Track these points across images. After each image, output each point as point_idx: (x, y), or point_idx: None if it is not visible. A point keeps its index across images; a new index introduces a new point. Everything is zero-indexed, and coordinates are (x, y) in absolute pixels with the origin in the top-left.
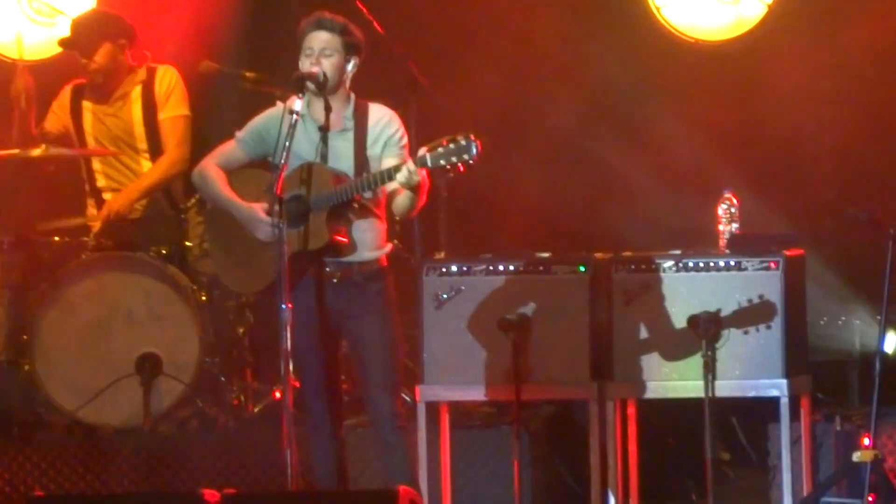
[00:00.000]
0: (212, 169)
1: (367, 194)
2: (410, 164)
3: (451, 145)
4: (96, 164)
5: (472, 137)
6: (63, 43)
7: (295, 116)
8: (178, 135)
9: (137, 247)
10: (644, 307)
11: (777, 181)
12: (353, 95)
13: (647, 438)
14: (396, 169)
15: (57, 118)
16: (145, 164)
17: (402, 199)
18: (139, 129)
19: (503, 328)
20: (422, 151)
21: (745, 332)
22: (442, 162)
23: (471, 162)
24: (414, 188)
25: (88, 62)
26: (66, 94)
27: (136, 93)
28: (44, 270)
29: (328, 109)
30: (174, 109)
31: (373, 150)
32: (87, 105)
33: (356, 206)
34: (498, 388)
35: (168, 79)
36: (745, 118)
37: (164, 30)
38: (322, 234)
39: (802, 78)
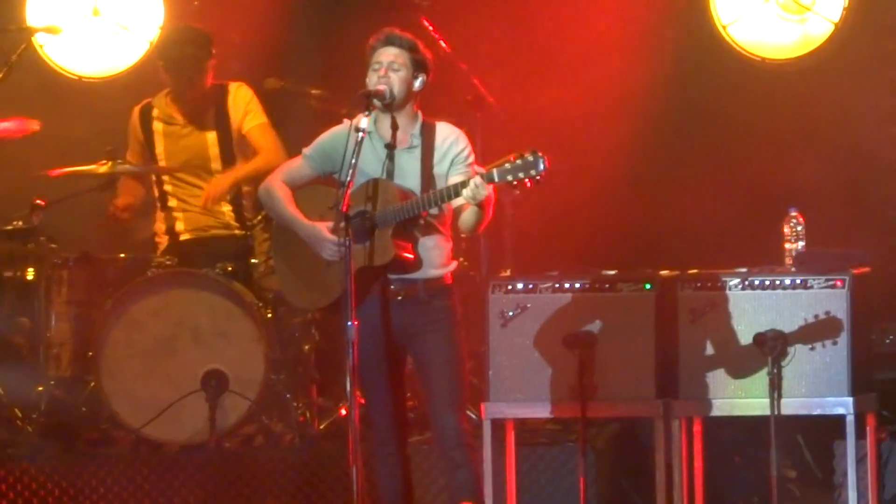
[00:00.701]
0: (278, 186)
1: (433, 211)
2: (477, 180)
3: (519, 161)
4: (168, 186)
5: (540, 154)
6: (173, 62)
7: (361, 134)
8: (270, 139)
9: (203, 264)
10: (710, 325)
11: (843, 199)
12: (420, 113)
13: (712, 456)
14: (463, 185)
15: (137, 147)
16: None
17: (468, 216)
18: (213, 150)
19: (569, 345)
20: (488, 168)
21: (811, 350)
22: (509, 178)
23: (538, 178)
24: (480, 204)
25: (194, 84)
26: (135, 117)
27: (210, 113)
28: (109, 287)
29: (395, 127)
30: (258, 118)
31: (439, 168)
32: (157, 127)
33: (422, 222)
34: (563, 405)
35: (244, 93)
36: (811, 136)
37: (228, 46)
38: (388, 251)
39: (868, 95)
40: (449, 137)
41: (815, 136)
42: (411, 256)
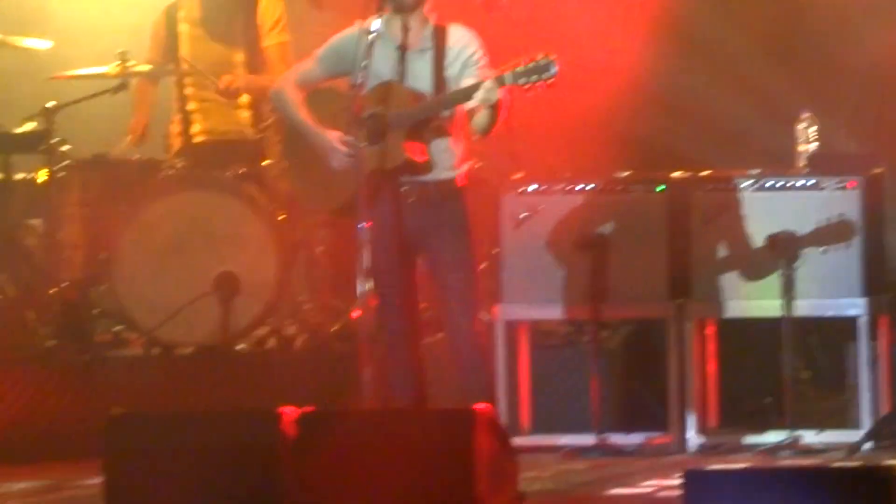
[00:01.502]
0: (290, 88)
1: (445, 113)
2: (489, 83)
3: (531, 64)
4: (188, 89)
5: (552, 57)
6: None
7: (372, 35)
8: (287, 62)
9: (216, 166)
10: (723, 227)
11: (857, 103)
12: (432, 16)
13: (725, 358)
14: (475, 87)
15: (158, 47)
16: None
17: (481, 118)
18: (239, 56)
19: (581, 247)
20: (500, 70)
21: (824, 252)
22: (521, 81)
23: (550, 81)
24: (493, 107)
25: None
26: (160, 17)
27: (239, 19)
28: (122, 189)
29: (406, 28)
30: (281, 35)
31: (451, 70)
32: (183, 28)
33: (433, 125)
34: (576, 307)
35: (275, 4)
36: (826, 41)
37: None
38: (400, 153)
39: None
40: (461, 39)
41: (829, 40)
42: (423, 158)
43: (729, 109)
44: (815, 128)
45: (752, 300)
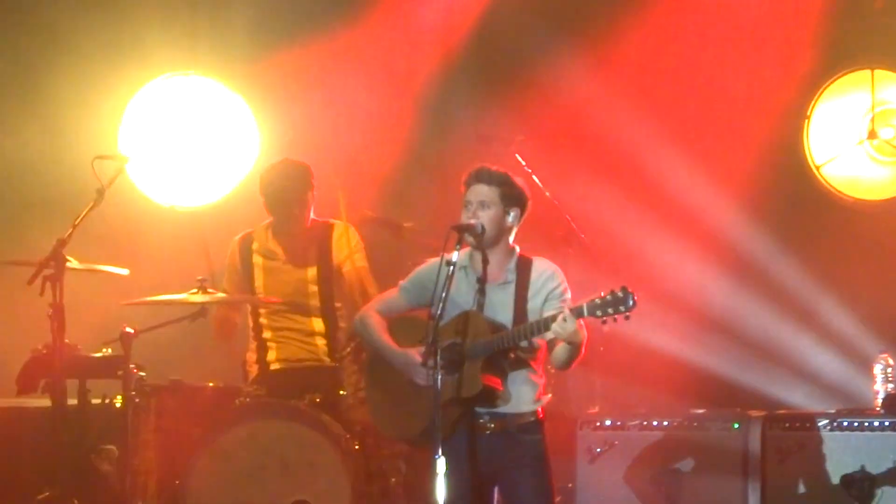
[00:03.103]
0: (372, 315)
1: (524, 344)
2: (566, 314)
3: (609, 297)
4: (263, 319)
5: (630, 290)
6: (273, 193)
7: (452, 268)
8: (369, 285)
9: (292, 394)
10: (798, 465)
11: None
12: (517, 248)
13: None
14: (553, 318)
15: (234, 277)
16: (316, 322)
17: (560, 351)
18: (312, 288)
19: (657, 484)
20: (578, 303)
21: None
22: (598, 313)
23: (627, 314)
24: (573, 341)
25: (296, 218)
26: (234, 248)
27: (312, 249)
28: (198, 416)
29: (485, 261)
30: (358, 261)
31: (533, 303)
32: (257, 261)
33: (512, 356)
34: None
35: (351, 234)
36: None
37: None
38: (476, 383)
39: None
40: (544, 273)
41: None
42: (499, 389)
43: (805, 349)
44: (892, 367)
45: None
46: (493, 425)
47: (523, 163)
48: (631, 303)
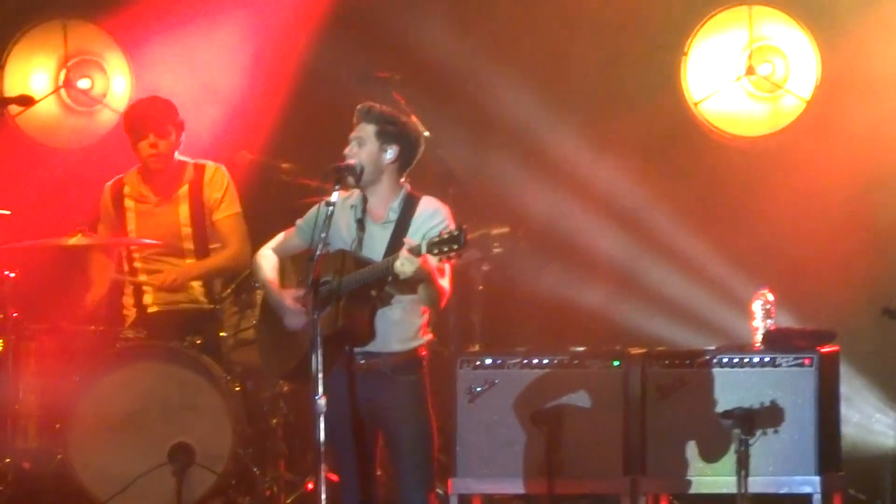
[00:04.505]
0: (265, 255)
1: (389, 288)
2: (404, 253)
3: (446, 235)
4: (138, 263)
5: (464, 228)
6: (134, 121)
7: (330, 208)
8: (239, 232)
9: (172, 336)
10: (678, 402)
11: (812, 278)
12: (405, 187)
13: None
14: (394, 258)
15: (109, 222)
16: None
17: (420, 290)
18: (186, 230)
19: (537, 421)
20: (419, 242)
21: (778, 429)
22: (434, 251)
23: (459, 251)
24: (423, 277)
25: (156, 146)
26: (106, 194)
27: (184, 191)
28: (78, 359)
29: (365, 200)
30: (231, 208)
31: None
32: (129, 204)
33: (374, 293)
34: (531, 481)
35: (220, 178)
36: (780, 214)
37: (201, 120)
38: (336, 320)
39: (839, 174)
40: (427, 210)
41: (784, 214)
42: (364, 327)
43: (684, 287)
44: (771, 304)
45: (707, 476)
46: (366, 365)
47: (401, 103)
48: (462, 241)
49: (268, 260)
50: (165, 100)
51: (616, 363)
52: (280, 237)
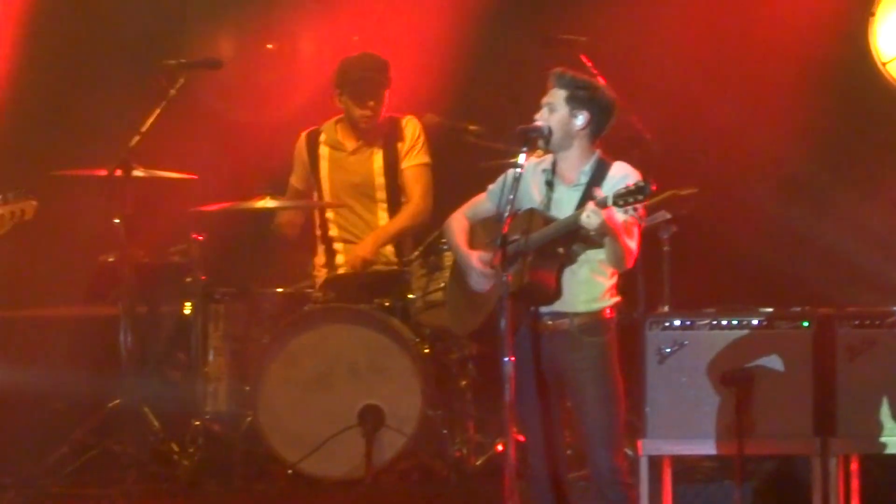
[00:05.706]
0: (457, 218)
1: (576, 246)
2: (590, 205)
3: (633, 187)
4: (329, 214)
5: (649, 180)
6: (353, 85)
7: (518, 171)
8: (423, 184)
9: (361, 299)
10: (869, 363)
11: None
12: (597, 153)
13: (869, 494)
14: (580, 212)
15: (301, 171)
16: (382, 216)
17: (607, 249)
18: (379, 180)
19: (726, 383)
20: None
21: None
22: (620, 202)
23: (643, 200)
24: (609, 233)
25: (374, 110)
26: (301, 141)
27: (379, 142)
28: (267, 322)
29: (555, 163)
30: (419, 157)
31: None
32: (323, 152)
33: (565, 253)
34: (721, 442)
35: (413, 128)
36: None
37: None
38: (521, 277)
39: None
40: (618, 174)
41: None
42: (550, 286)
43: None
44: None
45: None
46: (552, 326)
47: (588, 65)
48: (648, 191)
49: (459, 222)
50: (383, 60)
51: (805, 324)
52: (472, 202)
